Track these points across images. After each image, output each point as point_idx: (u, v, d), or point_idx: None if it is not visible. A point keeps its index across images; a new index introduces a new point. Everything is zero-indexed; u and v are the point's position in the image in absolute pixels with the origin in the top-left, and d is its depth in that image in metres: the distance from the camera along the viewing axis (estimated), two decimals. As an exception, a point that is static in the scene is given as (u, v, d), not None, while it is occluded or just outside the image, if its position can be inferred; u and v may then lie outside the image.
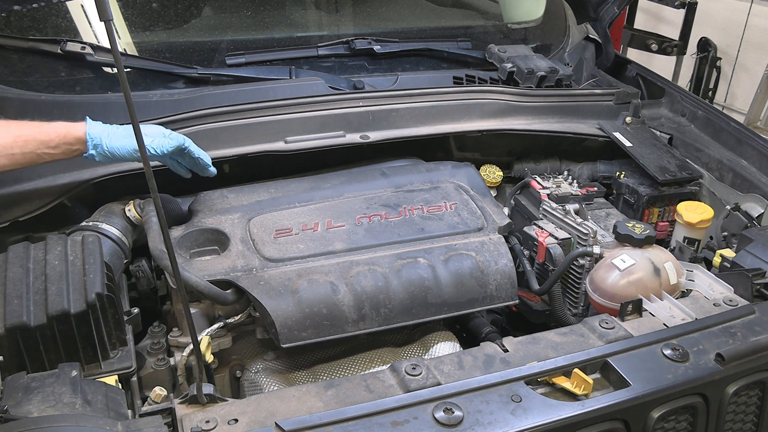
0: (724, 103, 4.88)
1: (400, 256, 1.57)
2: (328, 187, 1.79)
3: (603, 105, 2.26)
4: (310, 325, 1.44)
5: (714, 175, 2.05)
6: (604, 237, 1.80)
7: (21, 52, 1.94)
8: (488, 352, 1.31)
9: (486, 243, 1.64)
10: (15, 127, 1.51)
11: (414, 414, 1.12)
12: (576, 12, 2.70)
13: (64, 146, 1.54)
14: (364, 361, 1.56)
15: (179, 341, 1.49)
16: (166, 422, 1.12)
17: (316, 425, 1.08)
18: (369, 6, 2.52)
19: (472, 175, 1.90)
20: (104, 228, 1.57)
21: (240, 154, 1.84)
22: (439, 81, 2.23)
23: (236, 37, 2.23)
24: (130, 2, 2.15)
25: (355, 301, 1.48)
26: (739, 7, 4.66)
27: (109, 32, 0.94)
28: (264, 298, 1.44)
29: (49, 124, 1.54)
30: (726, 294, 1.51)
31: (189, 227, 1.61)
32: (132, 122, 0.97)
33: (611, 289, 1.58)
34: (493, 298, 1.59)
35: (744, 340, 1.33)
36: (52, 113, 1.87)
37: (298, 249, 1.56)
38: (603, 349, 1.30)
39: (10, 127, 1.51)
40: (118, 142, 1.55)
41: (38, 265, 1.34)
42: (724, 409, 1.30)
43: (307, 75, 2.15)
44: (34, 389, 1.12)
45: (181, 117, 1.82)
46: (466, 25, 2.62)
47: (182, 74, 2.06)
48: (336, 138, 1.92)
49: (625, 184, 2.04)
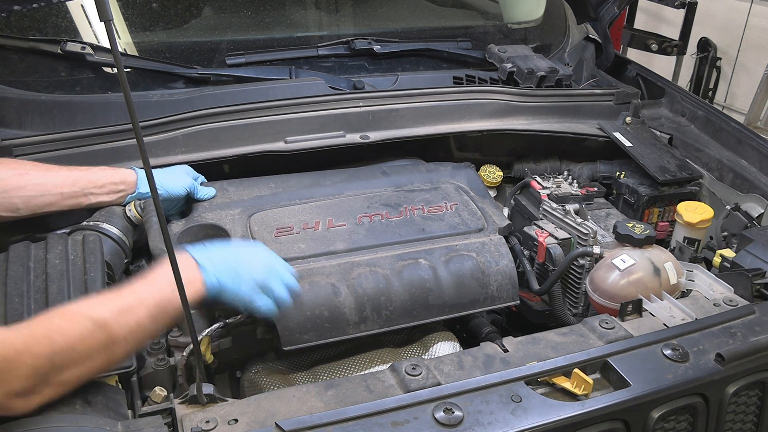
0: (724, 103, 4.88)
1: (401, 257, 1.57)
2: (329, 185, 1.79)
3: (603, 105, 2.26)
4: (312, 327, 1.44)
5: (714, 175, 2.05)
6: (604, 237, 1.80)
7: (21, 52, 1.94)
8: (488, 352, 1.31)
9: (487, 243, 1.64)
10: (66, 168, 1.58)
11: (414, 414, 1.12)
12: (576, 12, 2.70)
13: (110, 185, 1.60)
14: (364, 362, 1.56)
15: (179, 341, 1.49)
16: (166, 422, 1.12)
17: (316, 425, 1.08)
18: (369, 6, 2.52)
19: (472, 176, 1.91)
20: (105, 227, 1.57)
21: (240, 154, 1.84)
22: (439, 81, 2.23)
23: (236, 37, 2.23)
24: (130, 2, 2.15)
25: (357, 303, 1.48)
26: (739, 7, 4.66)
27: (109, 32, 0.94)
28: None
29: (97, 167, 1.63)
30: (726, 294, 1.51)
31: (189, 222, 1.62)
32: (132, 122, 0.97)
33: (611, 289, 1.58)
34: (494, 298, 1.59)
35: (744, 340, 1.33)
36: (52, 113, 1.87)
37: (299, 249, 1.56)
38: (603, 349, 1.30)
39: (62, 169, 1.58)
40: (171, 182, 1.64)
41: (39, 264, 1.34)
42: (724, 409, 1.30)
43: (307, 75, 2.15)
44: (35, 389, 1.12)
45: (181, 117, 1.83)
46: (466, 25, 2.62)
47: (182, 74, 2.06)
48: (336, 138, 1.92)
49: (625, 184, 2.04)
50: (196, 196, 1.69)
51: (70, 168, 1.60)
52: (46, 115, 1.87)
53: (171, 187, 1.64)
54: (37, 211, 1.54)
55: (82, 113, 1.89)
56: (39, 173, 1.55)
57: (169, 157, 1.80)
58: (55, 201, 1.54)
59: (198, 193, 1.69)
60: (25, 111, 1.85)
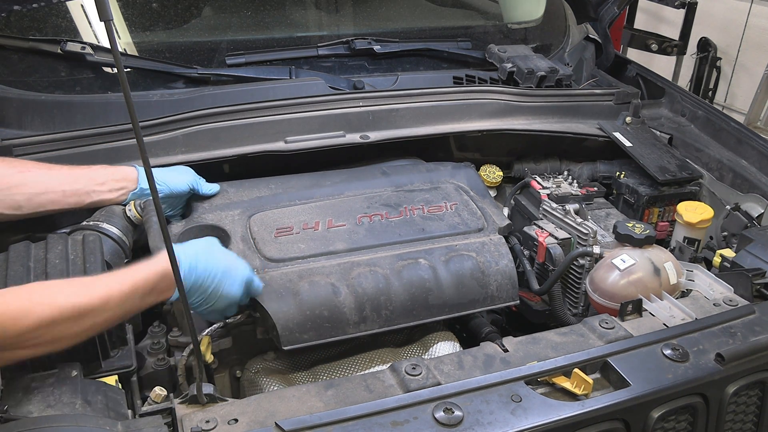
0: (724, 103, 4.88)
1: (401, 256, 1.57)
2: (329, 185, 1.79)
3: (603, 105, 2.26)
4: (312, 327, 1.44)
5: (714, 175, 2.05)
6: (604, 237, 1.80)
7: (21, 52, 1.94)
8: (488, 352, 1.31)
9: (487, 243, 1.64)
10: (67, 167, 1.60)
11: (414, 414, 1.12)
12: (576, 12, 2.70)
13: (111, 183, 1.61)
14: (364, 362, 1.56)
15: (179, 341, 1.49)
16: (166, 422, 1.12)
17: (316, 425, 1.08)
18: (369, 6, 2.52)
19: (472, 176, 1.90)
20: (105, 227, 1.57)
21: (240, 154, 1.84)
22: (439, 81, 2.23)
23: (236, 37, 2.23)
24: (130, 2, 2.15)
25: (357, 302, 1.48)
26: (739, 7, 4.66)
27: (109, 32, 0.94)
28: (265, 300, 1.43)
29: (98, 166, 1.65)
30: (726, 294, 1.51)
31: (189, 223, 1.62)
32: (132, 122, 0.97)
33: (611, 289, 1.58)
34: (494, 298, 1.59)
35: (744, 340, 1.33)
36: (52, 113, 1.87)
37: (299, 249, 1.56)
38: (603, 349, 1.30)
39: (64, 168, 1.59)
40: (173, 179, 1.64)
41: (39, 263, 1.34)
42: (724, 409, 1.30)
43: (307, 75, 2.15)
44: (34, 389, 1.12)
45: (181, 117, 1.83)
46: (466, 25, 2.62)
47: (182, 74, 2.06)
48: (336, 138, 1.92)
49: (625, 184, 2.04)
50: (201, 192, 1.69)
51: (71, 167, 1.60)
52: (46, 115, 1.87)
53: (173, 184, 1.64)
54: (39, 209, 1.53)
55: (82, 113, 1.89)
56: (41, 171, 1.55)
57: (169, 157, 1.80)
58: (58, 199, 1.54)
59: (202, 189, 1.69)
60: (25, 111, 1.85)
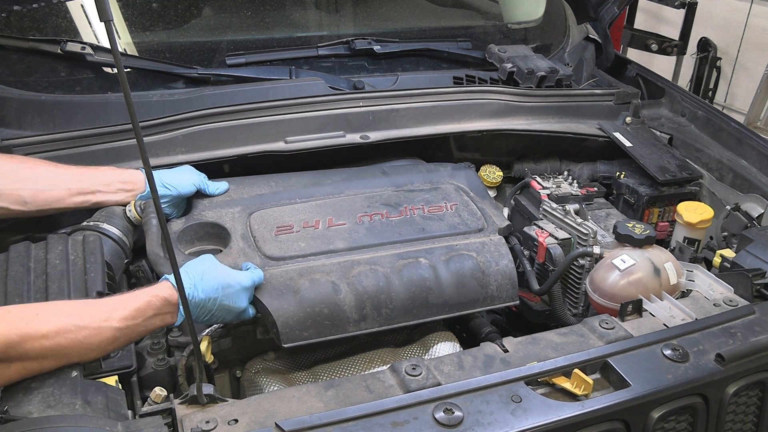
0: (724, 103, 4.87)
1: (402, 256, 1.57)
2: (329, 184, 1.79)
3: (603, 105, 2.26)
4: (312, 325, 1.44)
5: (714, 175, 2.05)
6: (604, 237, 1.80)
7: (21, 52, 1.94)
8: (488, 352, 1.31)
9: (487, 243, 1.64)
10: (74, 166, 1.60)
11: (414, 414, 1.12)
12: (576, 12, 2.70)
13: (117, 184, 1.61)
14: (364, 362, 1.56)
15: (179, 341, 1.49)
16: (166, 422, 1.12)
17: (316, 425, 1.08)
18: (369, 6, 2.52)
19: (472, 177, 1.91)
20: (105, 228, 1.57)
21: (240, 154, 1.84)
22: (439, 81, 2.23)
23: (236, 37, 2.24)
24: (130, 2, 2.15)
25: (357, 301, 1.48)
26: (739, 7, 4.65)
27: (109, 32, 0.94)
28: (265, 298, 1.44)
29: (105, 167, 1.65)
30: (726, 294, 1.51)
31: (189, 220, 1.62)
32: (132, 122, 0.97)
33: (611, 289, 1.58)
34: (494, 298, 1.59)
35: (744, 340, 1.33)
36: (52, 113, 1.87)
37: (299, 247, 1.56)
38: (603, 349, 1.30)
39: (70, 167, 1.59)
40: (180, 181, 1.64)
41: (39, 264, 1.34)
42: (724, 410, 1.30)
43: (307, 75, 2.15)
44: (34, 389, 1.12)
45: (181, 117, 1.83)
46: (466, 25, 2.62)
47: (182, 74, 2.07)
48: (336, 138, 1.92)
49: (625, 184, 2.04)
50: (208, 192, 1.69)
51: (79, 166, 1.60)
52: (46, 115, 1.87)
53: (181, 186, 1.64)
54: (44, 207, 1.52)
55: (82, 113, 1.89)
56: (48, 168, 1.55)
57: (170, 157, 1.80)
58: (63, 196, 1.53)
59: (209, 189, 1.69)
60: (25, 111, 1.85)
